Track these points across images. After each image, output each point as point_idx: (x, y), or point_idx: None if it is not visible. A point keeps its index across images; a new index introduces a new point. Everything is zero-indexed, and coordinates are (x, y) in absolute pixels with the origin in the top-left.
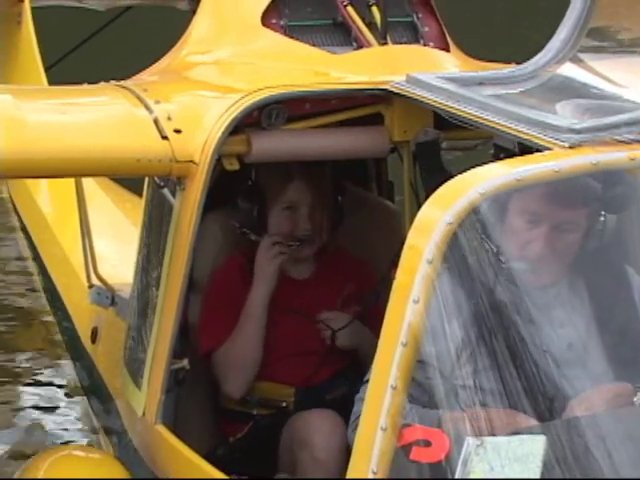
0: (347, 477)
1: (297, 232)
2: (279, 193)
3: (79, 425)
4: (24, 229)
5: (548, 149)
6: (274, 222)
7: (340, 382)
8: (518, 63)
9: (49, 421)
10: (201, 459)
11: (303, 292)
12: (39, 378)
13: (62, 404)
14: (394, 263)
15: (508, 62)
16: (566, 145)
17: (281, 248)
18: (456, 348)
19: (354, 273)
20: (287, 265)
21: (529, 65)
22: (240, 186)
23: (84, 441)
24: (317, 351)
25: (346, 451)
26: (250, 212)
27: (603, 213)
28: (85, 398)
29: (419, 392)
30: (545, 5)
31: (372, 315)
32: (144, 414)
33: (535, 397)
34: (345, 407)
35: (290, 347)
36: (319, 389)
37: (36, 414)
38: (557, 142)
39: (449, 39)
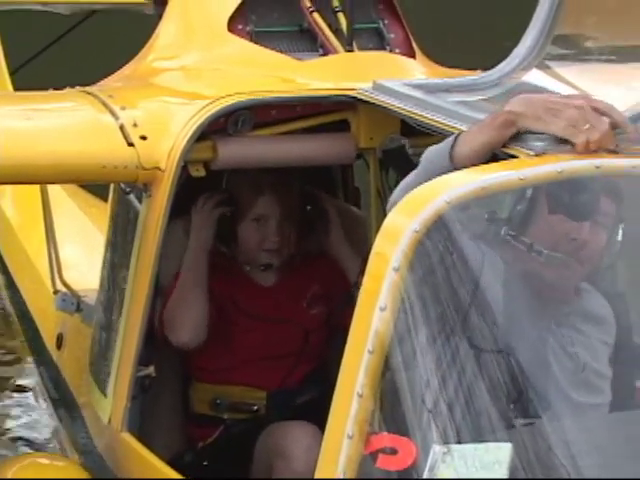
0: None
1: (265, 244)
2: (249, 205)
3: (44, 432)
4: None
5: (514, 157)
6: (243, 233)
7: (310, 386)
8: (485, 70)
9: (14, 427)
10: (167, 466)
11: (269, 298)
12: (2, 383)
13: (27, 410)
14: (361, 270)
15: (475, 69)
16: (532, 153)
17: (215, 201)
18: (423, 355)
19: (320, 274)
20: (253, 272)
21: (495, 72)
22: (212, 193)
23: (49, 448)
24: (288, 354)
25: None
26: (220, 222)
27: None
28: (50, 404)
29: (386, 399)
30: (514, 12)
31: (341, 319)
32: (110, 421)
33: (502, 403)
34: (316, 411)
35: (260, 352)
36: (290, 393)
37: (0, 420)
38: (523, 150)
39: (415, 46)
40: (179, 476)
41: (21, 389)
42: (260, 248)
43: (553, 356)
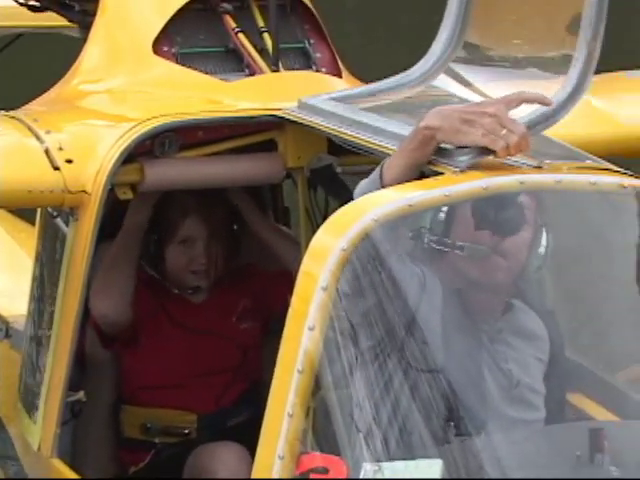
0: None
1: (193, 266)
2: (175, 228)
3: None
4: None
5: (440, 173)
6: (170, 256)
7: (243, 407)
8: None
9: None
10: None
11: (200, 314)
12: None
13: None
14: (290, 290)
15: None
16: (457, 169)
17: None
18: (353, 374)
19: (251, 289)
20: (183, 291)
21: (415, 71)
22: None
23: None
24: (222, 371)
25: None
26: (148, 245)
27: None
28: None
29: (317, 419)
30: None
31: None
32: (39, 448)
33: (432, 421)
34: (249, 433)
35: (193, 368)
36: (222, 416)
37: None
38: (449, 166)
39: (341, 65)
40: None
41: None
42: (187, 270)
43: (487, 372)
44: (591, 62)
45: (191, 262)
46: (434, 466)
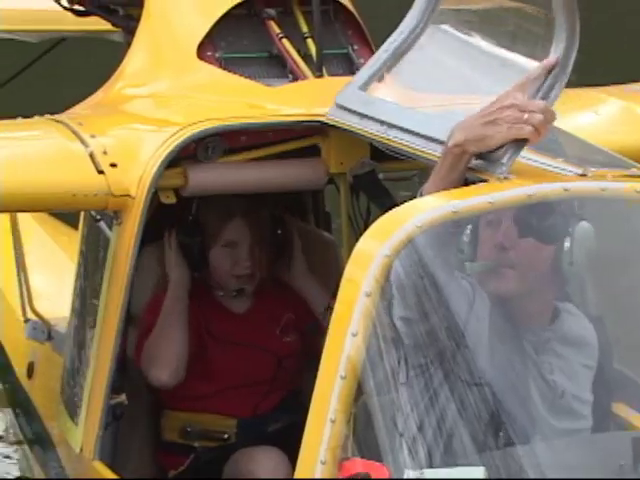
0: None
1: (237, 270)
2: (219, 231)
3: (15, 461)
4: None
5: (484, 181)
6: (214, 259)
7: (283, 413)
8: None
9: None
10: None
11: (243, 325)
12: None
13: None
14: (333, 294)
15: None
16: (502, 177)
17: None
18: (395, 380)
19: (292, 303)
20: (226, 298)
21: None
22: (180, 220)
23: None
24: (260, 382)
25: None
26: (190, 248)
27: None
28: (21, 433)
29: (359, 424)
30: None
31: (312, 347)
32: (81, 450)
33: (475, 429)
34: (288, 439)
35: (232, 379)
36: (261, 421)
37: None
38: (493, 174)
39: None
40: None
41: None
42: (231, 274)
43: (531, 383)
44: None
45: (235, 265)
46: (476, 473)
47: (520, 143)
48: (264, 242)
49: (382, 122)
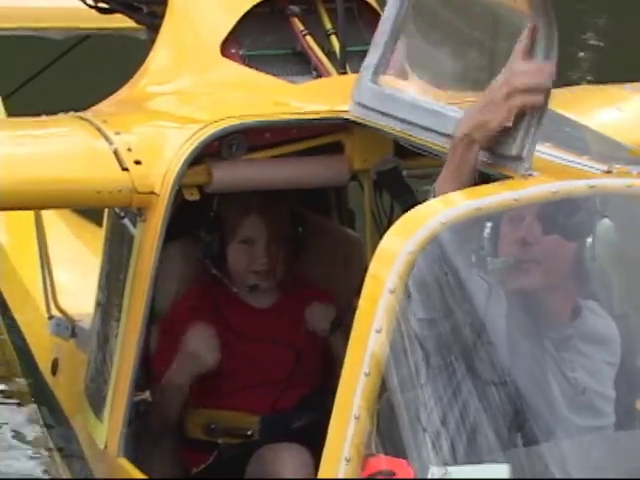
0: None
1: (254, 266)
2: (236, 227)
3: (39, 458)
4: None
5: (508, 177)
6: (231, 255)
7: (306, 410)
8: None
9: (7, 450)
10: None
11: (264, 321)
12: None
13: (21, 434)
14: (357, 291)
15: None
16: (526, 174)
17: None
18: (419, 377)
19: (316, 300)
20: (246, 295)
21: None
22: (202, 217)
23: (44, 473)
24: (281, 378)
25: None
26: (211, 244)
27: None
28: (45, 430)
29: (383, 421)
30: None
31: (335, 344)
32: (106, 447)
33: (500, 425)
34: (311, 436)
35: (253, 376)
36: (284, 418)
37: None
38: (517, 171)
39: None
40: None
41: (15, 413)
42: (248, 270)
43: (552, 381)
44: None
45: (252, 262)
46: (501, 471)
47: (529, 128)
48: (282, 239)
49: (402, 120)
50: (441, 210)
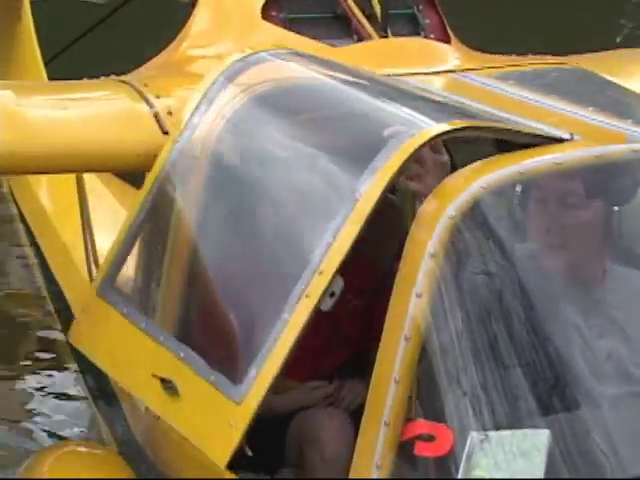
0: (351, 472)
1: None
2: None
3: (81, 420)
4: (24, 222)
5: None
6: None
7: (345, 375)
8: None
9: (50, 415)
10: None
11: None
12: (40, 372)
13: (63, 398)
14: (397, 255)
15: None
16: (568, 137)
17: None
18: (459, 341)
19: (356, 266)
20: None
21: None
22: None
23: (86, 436)
24: (317, 344)
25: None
26: None
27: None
28: (88, 393)
29: (423, 386)
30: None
31: (375, 309)
32: (147, 409)
33: (539, 390)
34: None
35: None
36: (324, 381)
37: (37, 408)
38: (558, 134)
39: (450, 31)
40: (223, 469)
41: (57, 377)
42: None
43: (584, 347)
44: None
45: None
46: (542, 436)
47: None
48: None
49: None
50: (482, 174)
